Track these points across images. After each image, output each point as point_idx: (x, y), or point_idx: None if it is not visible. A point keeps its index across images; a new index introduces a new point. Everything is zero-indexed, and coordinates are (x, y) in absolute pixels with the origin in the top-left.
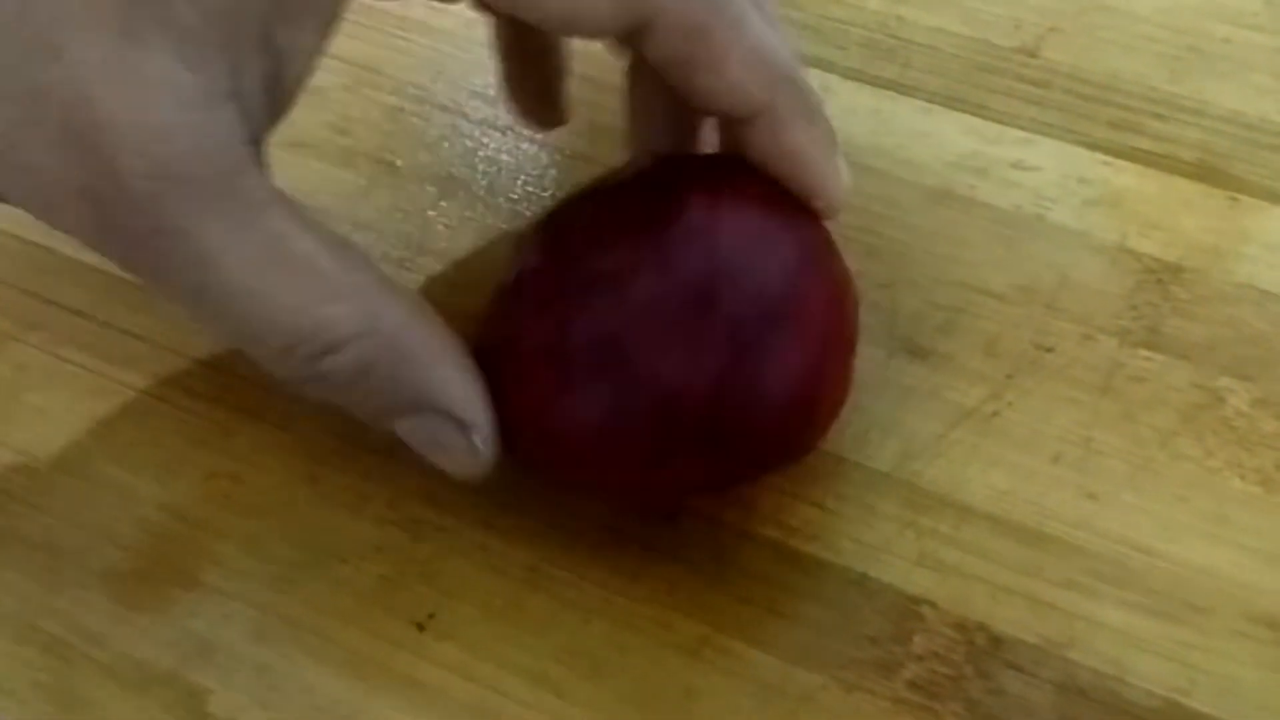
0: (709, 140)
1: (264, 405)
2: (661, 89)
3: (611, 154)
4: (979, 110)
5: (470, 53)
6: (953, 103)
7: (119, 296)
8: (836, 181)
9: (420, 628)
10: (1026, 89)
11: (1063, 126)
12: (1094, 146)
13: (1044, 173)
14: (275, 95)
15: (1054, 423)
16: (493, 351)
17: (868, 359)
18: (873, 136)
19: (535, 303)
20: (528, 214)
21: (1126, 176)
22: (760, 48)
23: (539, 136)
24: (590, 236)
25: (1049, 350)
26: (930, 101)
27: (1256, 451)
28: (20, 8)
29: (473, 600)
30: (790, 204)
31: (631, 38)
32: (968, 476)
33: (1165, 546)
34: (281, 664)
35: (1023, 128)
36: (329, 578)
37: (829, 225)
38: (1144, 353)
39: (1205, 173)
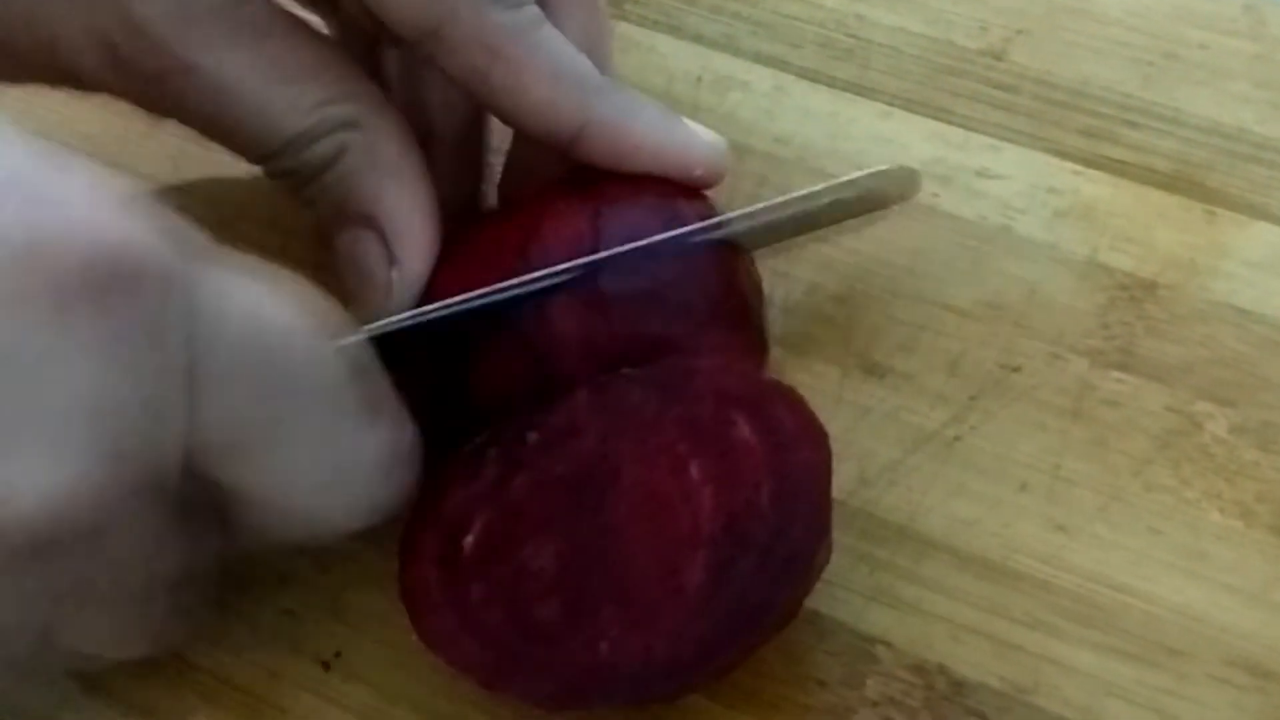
0: None
1: None
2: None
3: None
4: (942, 115)
5: None
6: (915, 106)
7: None
8: (695, 149)
9: (326, 667)
10: (993, 93)
11: (1031, 133)
12: (1064, 155)
13: (1011, 181)
14: None
15: (1021, 449)
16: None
17: (821, 376)
18: (830, 140)
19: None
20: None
21: (1098, 187)
22: (560, 69)
23: None
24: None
25: (1016, 370)
26: (891, 105)
27: (1236, 482)
28: None
29: (385, 638)
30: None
31: (427, 44)
32: (928, 505)
33: (1139, 584)
34: (171, 706)
35: (989, 134)
36: (227, 611)
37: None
38: (1116, 374)
39: (1181, 184)
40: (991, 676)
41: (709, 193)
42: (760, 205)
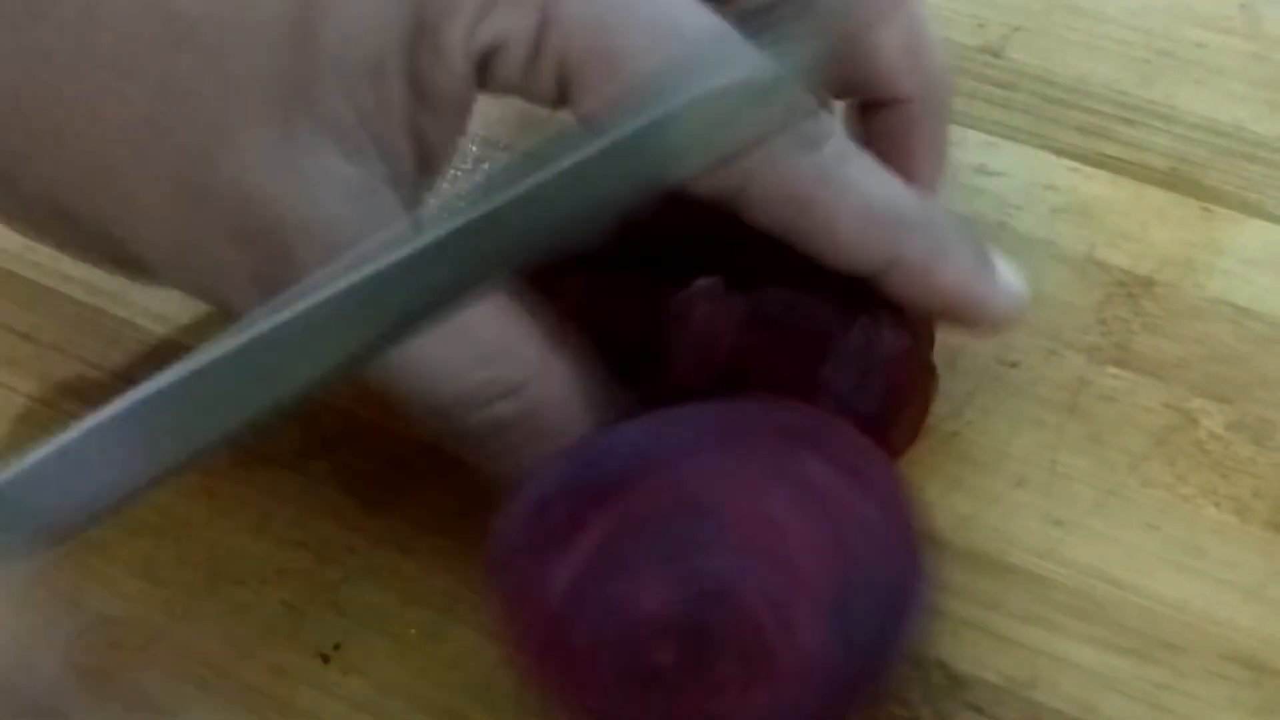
0: None
1: None
2: None
3: None
4: None
5: None
6: None
7: (8, 293)
8: (997, 302)
9: (325, 660)
10: (990, 90)
11: (1029, 130)
12: (1061, 152)
13: (1009, 179)
14: (426, 175)
15: (1017, 444)
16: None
17: None
18: None
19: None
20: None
21: (1095, 184)
22: (871, 208)
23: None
24: None
25: (1013, 366)
26: None
27: (1232, 478)
28: (181, 111)
29: (385, 631)
30: None
31: (732, 203)
32: (925, 500)
33: (1135, 579)
34: (168, 700)
35: (987, 131)
36: (225, 603)
37: None
38: (1113, 370)
39: (1177, 182)
40: (989, 671)
41: None
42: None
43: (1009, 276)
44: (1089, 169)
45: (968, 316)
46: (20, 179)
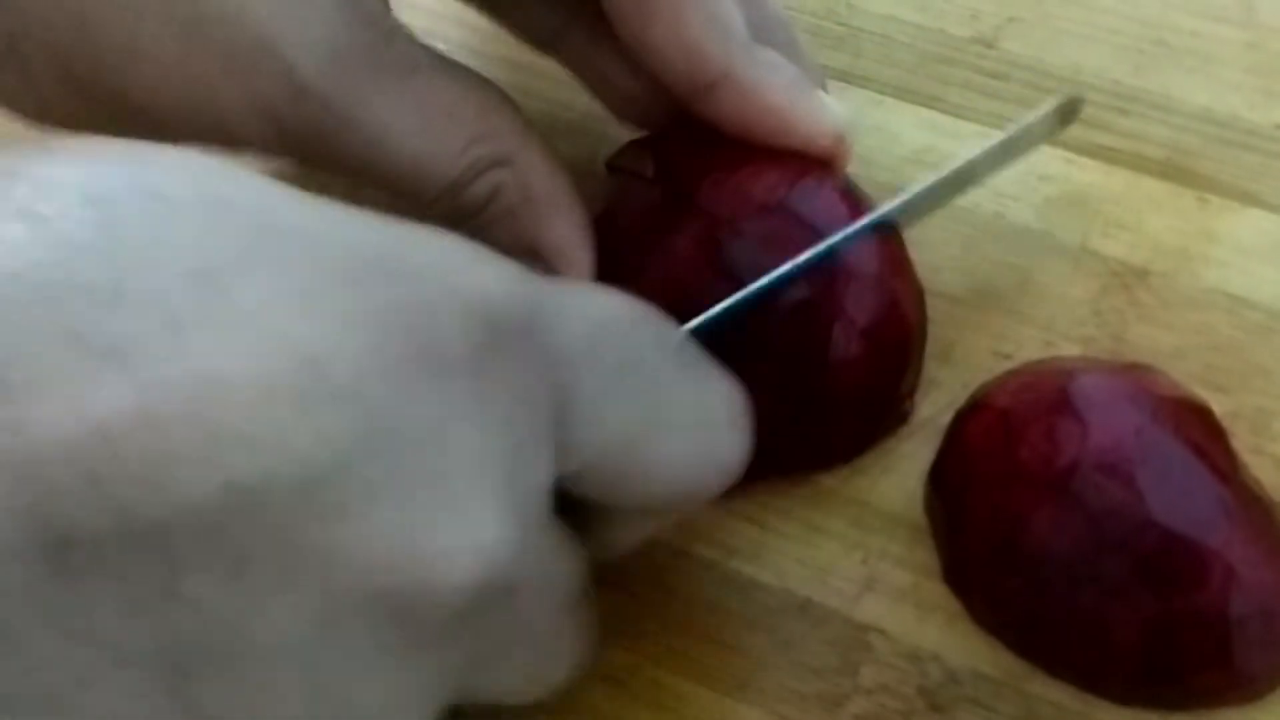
0: None
1: None
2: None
3: None
4: (934, 103)
5: None
6: (906, 95)
7: None
8: (823, 119)
9: None
10: (984, 81)
11: None
12: (1055, 142)
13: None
14: None
15: None
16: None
17: None
18: None
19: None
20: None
21: (1090, 174)
22: (717, 14)
23: None
24: None
25: (1008, 358)
26: (882, 93)
27: None
28: None
29: None
30: None
31: None
32: (922, 493)
33: None
34: None
35: (980, 122)
36: None
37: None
38: None
39: (1173, 171)
40: (986, 664)
41: None
42: (922, 186)
43: (831, 101)
44: (1083, 159)
45: (794, 135)
46: (25, 39)
